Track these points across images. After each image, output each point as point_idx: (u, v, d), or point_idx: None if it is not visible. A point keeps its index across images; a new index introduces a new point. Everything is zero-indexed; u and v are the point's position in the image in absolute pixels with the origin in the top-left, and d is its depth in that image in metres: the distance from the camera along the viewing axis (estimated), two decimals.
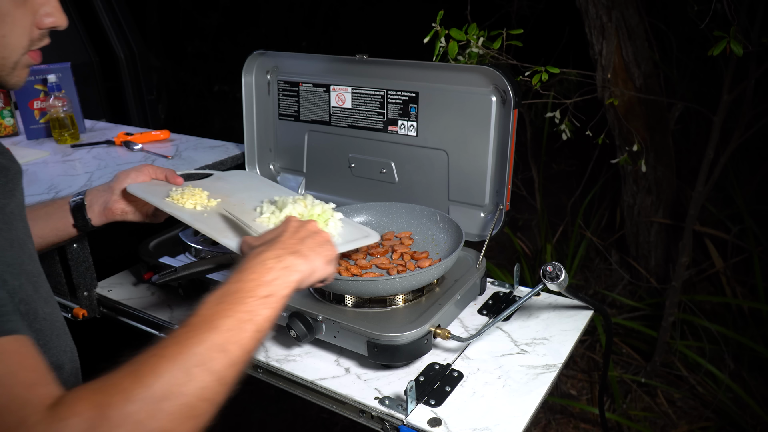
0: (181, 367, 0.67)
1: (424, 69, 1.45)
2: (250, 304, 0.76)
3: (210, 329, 0.72)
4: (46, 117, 2.17)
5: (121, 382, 0.65)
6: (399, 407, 1.03)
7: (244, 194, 1.32)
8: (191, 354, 0.69)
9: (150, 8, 5.12)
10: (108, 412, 0.62)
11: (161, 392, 0.65)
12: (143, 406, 0.64)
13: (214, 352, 0.70)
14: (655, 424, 2.36)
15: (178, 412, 0.66)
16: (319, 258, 0.89)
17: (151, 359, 0.68)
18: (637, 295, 2.86)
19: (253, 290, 0.78)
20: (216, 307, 0.75)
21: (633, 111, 2.48)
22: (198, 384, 0.68)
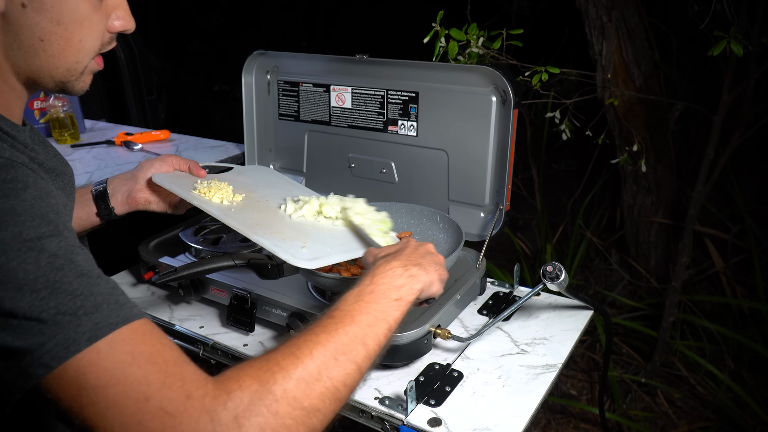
0: (331, 354, 0.74)
1: (424, 69, 1.45)
2: (383, 305, 0.85)
3: (352, 323, 0.79)
4: (46, 117, 2.17)
5: (282, 361, 0.71)
6: (399, 407, 1.03)
7: (266, 191, 1.33)
8: (339, 343, 0.76)
9: (150, 8, 5.11)
10: (271, 387, 0.68)
11: (315, 374, 0.72)
12: (300, 385, 0.70)
13: (356, 343, 0.78)
14: (655, 424, 2.36)
15: (327, 393, 0.72)
16: (436, 274, 0.96)
17: (306, 344, 0.74)
18: (637, 295, 2.86)
19: (386, 293, 0.87)
20: (355, 304, 0.83)
21: (633, 111, 2.48)
22: (343, 370, 0.75)
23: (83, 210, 1.22)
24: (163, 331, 0.71)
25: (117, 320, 0.65)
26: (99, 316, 0.64)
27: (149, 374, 0.64)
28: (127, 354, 0.64)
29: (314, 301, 1.22)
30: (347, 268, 1.29)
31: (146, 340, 0.67)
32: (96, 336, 0.63)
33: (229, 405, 0.65)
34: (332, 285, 1.19)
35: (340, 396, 0.74)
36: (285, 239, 1.12)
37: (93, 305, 0.65)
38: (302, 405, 0.69)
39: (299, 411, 0.69)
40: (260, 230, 1.13)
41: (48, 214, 0.67)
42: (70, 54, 0.79)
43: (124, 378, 0.63)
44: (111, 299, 0.67)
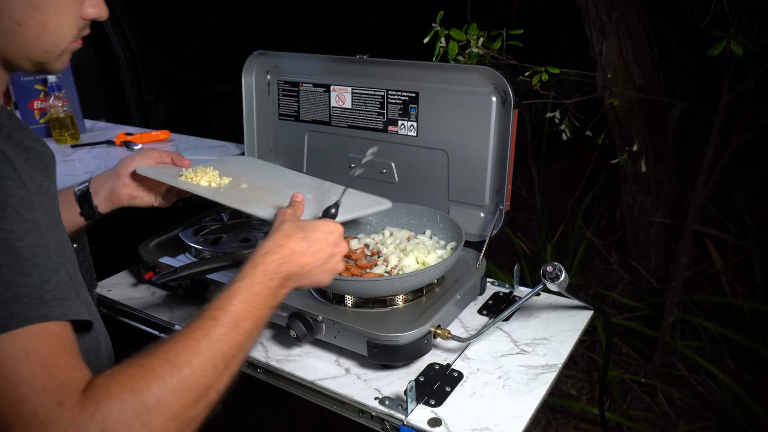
0: (211, 363, 0.72)
1: (424, 69, 1.45)
2: (263, 311, 0.83)
3: (234, 330, 0.77)
4: (46, 117, 2.18)
5: (158, 368, 0.68)
6: (399, 407, 1.03)
7: (251, 174, 1.33)
8: (219, 352, 0.74)
9: (150, 8, 5.11)
10: (144, 396, 0.66)
11: (194, 384, 0.70)
12: (176, 395, 0.68)
13: (236, 352, 0.77)
14: (655, 424, 2.36)
15: (202, 403, 0.71)
16: (327, 275, 0.97)
17: (185, 350, 0.71)
18: (637, 295, 2.86)
19: (268, 300, 0.84)
20: (240, 306, 0.80)
21: (633, 111, 2.48)
22: (220, 379, 0.74)
23: (68, 212, 1.22)
24: (72, 336, 0.69)
25: (33, 315, 0.65)
26: (16, 307, 0.64)
27: (34, 375, 0.63)
28: (23, 350, 0.64)
29: (314, 301, 1.22)
30: (347, 268, 1.29)
31: (47, 341, 0.66)
32: (6, 327, 0.63)
33: (97, 416, 0.63)
34: (332, 285, 1.19)
35: (213, 403, 0.73)
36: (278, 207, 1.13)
37: (14, 296, 0.65)
38: (177, 416, 0.67)
39: (173, 422, 0.67)
40: (253, 203, 1.14)
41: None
42: (47, 38, 0.82)
43: (10, 375, 0.63)
44: (35, 294, 0.66)
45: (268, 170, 1.40)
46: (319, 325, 1.16)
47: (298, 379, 1.14)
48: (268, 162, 1.52)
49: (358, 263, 1.31)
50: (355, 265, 1.30)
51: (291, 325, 1.16)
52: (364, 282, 1.16)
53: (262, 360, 1.19)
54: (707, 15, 1.79)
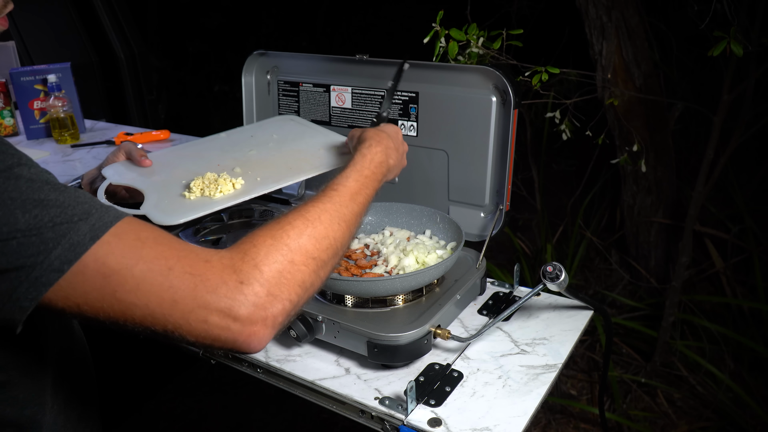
0: (336, 219, 0.86)
1: (424, 69, 1.45)
2: (371, 189, 0.99)
3: (351, 201, 0.92)
4: (46, 117, 2.18)
5: (293, 221, 0.81)
6: (399, 407, 1.03)
7: (239, 153, 1.28)
8: (341, 213, 0.88)
9: (150, 8, 5.11)
10: (285, 240, 0.77)
11: (323, 232, 0.82)
12: (311, 240, 0.80)
13: (353, 216, 0.90)
14: (655, 424, 2.36)
15: (331, 249, 0.83)
16: (398, 169, 1.14)
17: (315, 209, 0.85)
18: (637, 295, 2.86)
19: (376, 177, 1.01)
20: (355, 184, 0.96)
21: (633, 111, 2.48)
22: (342, 233, 0.86)
23: None
24: None
25: (110, 219, 0.70)
26: (93, 218, 0.69)
27: (163, 251, 0.70)
28: (135, 239, 0.70)
29: (314, 301, 1.22)
30: (347, 267, 1.29)
31: (144, 228, 0.72)
32: (97, 235, 0.68)
33: (246, 258, 0.72)
34: (332, 285, 1.19)
35: (339, 254, 0.85)
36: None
37: (84, 211, 0.69)
38: (313, 256, 0.79)
39: (311, 260, 0.78)
40: (268, 181, 1.16)
41: (9, 149, 0.70)
42: None
43: (143, 257, 0.69)
44: (97, 204, 0.71)
45: (251, 141, 1.35)
46: (319, 325, 1.16)
47: (298, 379, 1.14)
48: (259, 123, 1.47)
49: (358, 263, 1.31)
50: (355, 265, 1.30)
51: (291, 325, 1.16)
52: (364, 282, 1.16)
53: (262, 360, 1.19)
54: (707, 15, 1.79)
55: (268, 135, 1.38)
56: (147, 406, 2.56)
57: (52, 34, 3.00)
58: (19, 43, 2.73)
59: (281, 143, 1.34)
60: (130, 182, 1.18)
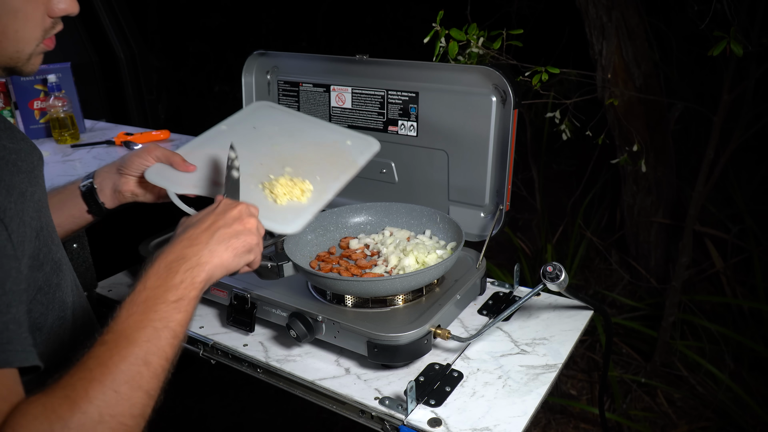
0: (110, 388, 0.67)
1: (424, 69, 1.45)
2: (161, 311, 0.75)
3: (129, 344, 0.71)
4: (46, 117, 2.18)
5: (58, 408, 0.64)
6: (399, 407, 1.03)
7: (272, 149, 1.27)
8: (117, 372, 0.68)
9: (150, 8, 5.11)
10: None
11: (97, 417, 0.65)
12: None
13: (138, 366, 0.70)
14: (655, 424, 2.36)
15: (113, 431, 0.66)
16: (223, 250, 0.85)
17: (80, 383, 0.66)
18: (637, 295, 2.86)
19: (162, 296, 0.76)
20: (128, 320, 0.73)
21: (633, 111, 2.48)
22: (128, 402, 0.68)
23: (74, 208, 1.19)
24: (12, 380, 0.66)
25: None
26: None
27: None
28: None
29: (314, 301, 1.22)
30: (347, 268, 1.29)
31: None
32: None
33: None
34: (332, 285, 1.19)
35: (131, 429, 0.68)
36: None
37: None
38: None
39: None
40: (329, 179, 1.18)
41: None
42: (8, 45, 0.79)
43: None
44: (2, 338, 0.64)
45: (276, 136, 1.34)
46: (319, 325, 1.16)
47: (298, 379, 1.14)
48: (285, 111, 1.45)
49: (358, 263, 1.31)
50: (355, 265, 1.30)
51: (291, 325, 1.16)
52: (364, 282, 1.16)
53: (262, 360, 1.19)
54: (707, 15, 1.79)
55: (269, 126, 1.37)
56: None
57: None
58: None
59: (293, 136, 1.34)
60: (202, 192, 1.15)
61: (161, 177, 1.16)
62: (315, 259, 1.35)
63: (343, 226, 1.44)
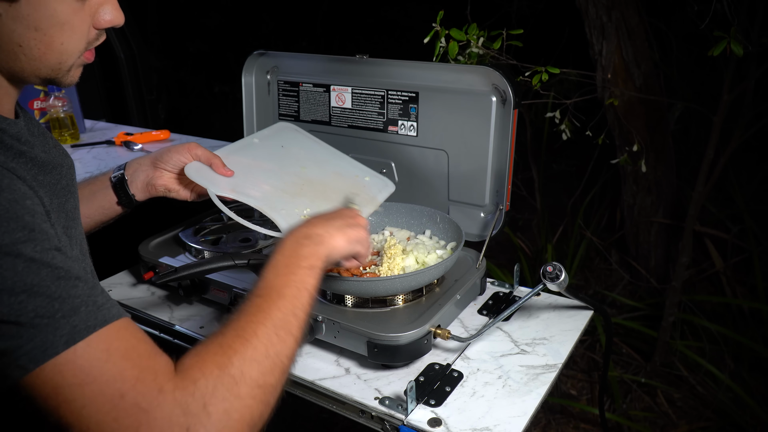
0: (272, 330, 0.78)
1: (424, 69, 1.45)
2: (299, 275, 0.87)
3: (279, 298, 0.82)
4: (46, 117, 2.18)
5: (233, 344, 0.74)
6: (399, 407, 1.03)
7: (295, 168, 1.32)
8: (275, 319, 0.79)
9: (150, 8, 5.11)
10: (230, 370, 0.71)
11: (264, 352, 0.76)
12: (253, 365, 0.74)
13: (289, 316, 0.81)
14: (655, 424, 2.36)
15: (276, 369, 0.77)
16: (340, 235, 0.98)
17: (249, 325, 0.77)
18: (637, 295, 2.86)
19: (297, 262, 0.89)
20: (276, 280, 0.86)
21: (633, 111, 2.48)
22: (284, 344, 0.78)
23: (105, 199, 1.20)
24: (137, 326, 0.73)
25: (95, 323, 0.67)
26: (77, 318, 0.66)
27: (124, 370, 0.66)
28: (103, 351, 0.67)
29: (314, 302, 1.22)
30: (347, 268, 1.29)
31: (121, 336, 0.69)
32: (74, 339, 0.65)
33: (197, 394, 0.68)
34: (332, 285, 1.19)
35: (286, 369, 0.78)
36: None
37: (71, 308, 0.66)
38: (258, 383, 0.74)
39: (257, 390, 0.73)
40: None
41: (24, 217, 0.68)
42: (52, 56, 0.79)
43: (101, 375, 0.65)
44: (89, 301, 0.68)
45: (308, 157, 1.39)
46: (319, 325, 1.16)
47: (298, 379, 1.14)
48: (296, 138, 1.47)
49: None
50: None
51: None
52: (364, 282, 1.16)
53: None
54: (707, 15, 1.79)
55: (296, 148, 1.41)
56: None
57: None
58: None
59: (318, 162, 1.38)
60: (243, 199, 1.16)
61: (201, 176, 1.18)
62: None
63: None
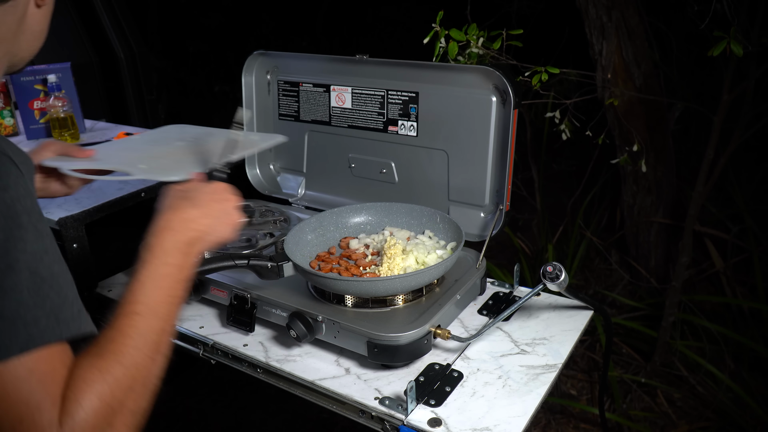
0: (148, 355, 0.77)
1: (424, 69, 1.45)
2: (178, 290, 0.85)
3: (155, 318, 0.80)
4: (46, 117, 2.17)
5: (112, 371, 0.72)
6: (399, 407, 1.03)
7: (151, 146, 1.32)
8: (151, 343, 0.78)
9: (150, 8, 5.11)
10: (110, 402, 0.70)
11: (141, 381, 0.75)
12: (131, 395, 0.73)
13: (161, 335, 0.80)
14: (655, 424, 2.36)
15: (149, 393, 0.77)
16: (227, 231, 0.96)
17: (126, 349, 0.75)
18: (637, 295, 2.86)
19: (177, 275, 0.86)
20: (155, 295, 0.82)
21: (633, 111, 2.48)
22: (158, 366, 0.79)
23: None
24: (70, 353, 0.72)
25: (49, 338, 0.68)
26: (35, 329, 0.67)
27: (32, 394, 0.66)
28: (28, 371, 0.66)
29: (314, 301, 1.22)
30: (347, 268, 1.29)
31: (52, 360, 0.68)
32: (24, 348, 0.66)
33: (76, 429, 0.66)
34: (332, 285, 1.19)
35: (155, 389, 0.78)
36: None
37: (33, 318, 0.67)
38: (133, 411, 0.73)
39: (131, 417, 0.73)
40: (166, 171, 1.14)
41: (21, 217, 0.69)
42: (43, 36, 0.92)
43: (14, 394, 0.65)
44: (52, 315, 0.69)
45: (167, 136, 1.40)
46: (319, 325, 1.16)
47: (298, 379, 1.14)
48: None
49: (358, 263, 1.31)
50: (355, 265, 1.30)
51: (291, 325, 1.16)
52: (364, 282, 1.16)
53: (262, 360, 1.19)
54: (707, 15, 1.79)
55: (174, 131, 1.44)
56: None
57: (52, 34, 2.99)
58: None
59: (196, 136, 1.38)
60: (99, 165, 1.19)
61: (58, 161, 1.18)
62: (315, 259, 1.35)
63: (343, 226, 1.44)
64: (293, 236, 1.31)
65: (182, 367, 2.70)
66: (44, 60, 2.18)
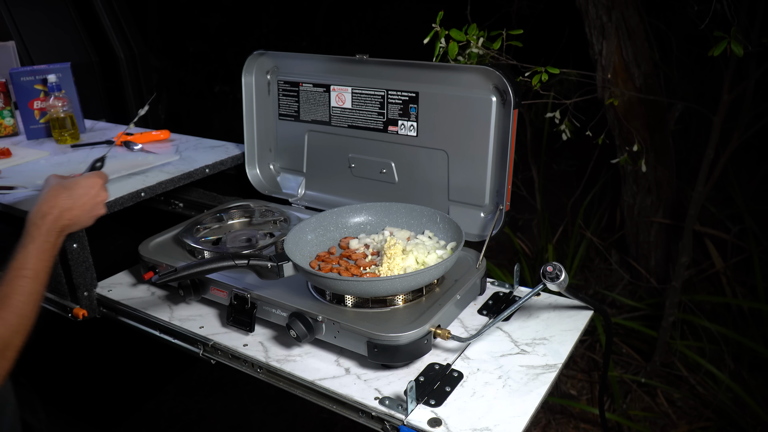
0: (30, 308, 1.04)
1: (424, 69, 1.45)
2: (50, 262, 1.11)
3: (38, 282, 1.06)
4: (46, 117, 2.17)
5: (6, 317, 1.00)
6: (399, 407, 1.03)
7: None
8: (33, 299, 1.05)
9: (150, 8, 5.11)
10: (6, 340, 0.99)
11: (24, 325, 1.03)
12: (18, 336, 1.01)
13: (40, 297, 1.07)
14: (655, 424, 2.36)
15: (25, 337, 1.03)
16: (90, 221, 1.22)
17: (16, 303, 1.02)
18: (637, 295, 2.86)
19: (52, 251, 1.12)
20: (40, 263, 1.08)
21: (633, 111, 2.48)
22: (33, 318, 1.05)
23: None
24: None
25: None
26: None
27: None
28: None
29: (314, 301, 1.22)
30: (347, 268, 1.29)
31: None
32: None
33: None
34: (332, 285, 1.19)
35: (28, 335, 1.04)
36: None
37: None
38: (16, 347, 1.01)
39: (15, 353, 1.00)
40: None
41: None
42: None
43: None
44: None
45: None
46: (319, 325, 1.16)
47: (298, 379, 1.14)
48: None
49: (358, 263, 1.31)
50: (355, 265, 1.30)
51: (291, 325, 1.16)
52: (364, 282, 1.16)
53: (262, 360, 1.19)
54: (707, 15, 1.79)
55: None
56: (147, 406, 2.56)
57: (52, 34, 3.00)
58: (19, 43, 2.73)
59: None
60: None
61: None
62: (315, 259, 1.35)
63: (343, 226, 1.44)
64: (293, 236, 1.31)
65: (182, 367, 2.70)
66: (44, 60, 2.17)
